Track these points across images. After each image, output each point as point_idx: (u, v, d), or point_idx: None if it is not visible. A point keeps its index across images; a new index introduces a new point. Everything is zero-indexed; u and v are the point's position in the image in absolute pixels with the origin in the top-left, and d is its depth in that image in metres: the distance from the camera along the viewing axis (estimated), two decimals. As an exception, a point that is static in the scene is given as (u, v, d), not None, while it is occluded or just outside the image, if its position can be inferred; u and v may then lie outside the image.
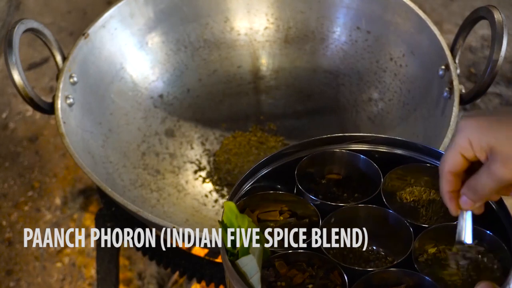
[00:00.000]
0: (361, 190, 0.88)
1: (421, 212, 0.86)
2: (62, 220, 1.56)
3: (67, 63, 1.14)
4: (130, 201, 1.01)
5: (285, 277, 0.79)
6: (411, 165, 0.86)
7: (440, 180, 0.76)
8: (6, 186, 1.62)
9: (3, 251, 1.52)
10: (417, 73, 1.21)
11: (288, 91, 1.36)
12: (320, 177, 0.89)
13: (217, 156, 1.30)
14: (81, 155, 1.06)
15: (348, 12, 1.29)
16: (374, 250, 0.84)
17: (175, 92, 1.32)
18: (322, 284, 0.78)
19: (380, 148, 0.88)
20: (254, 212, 0.85)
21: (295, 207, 0.85)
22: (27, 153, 1.67)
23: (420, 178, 0.86)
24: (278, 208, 0.86)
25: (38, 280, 1.48)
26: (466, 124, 0.72)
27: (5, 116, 1.75)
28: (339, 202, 0.87)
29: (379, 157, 0.87)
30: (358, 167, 0.88)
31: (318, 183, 0.89)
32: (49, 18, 1.96)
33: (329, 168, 0.90)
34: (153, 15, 1.28)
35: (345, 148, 0.89)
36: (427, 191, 0.87)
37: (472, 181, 0.73)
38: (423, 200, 0.86)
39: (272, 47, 1.35)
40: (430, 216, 0.85)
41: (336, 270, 0.78)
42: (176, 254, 1.11)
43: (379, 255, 0.84)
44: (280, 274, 0.79)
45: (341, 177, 0.90)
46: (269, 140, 1.33)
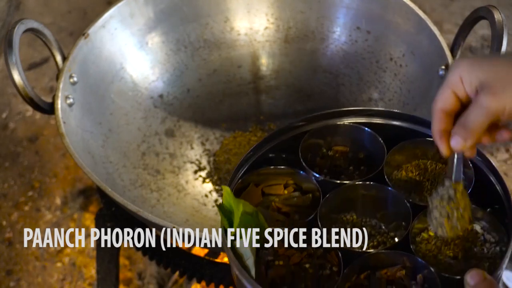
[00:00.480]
0: (367, 163, 0.89)
1: (426, 185, 0.86)
2: (62, 220, 1.56)
3: (67, 63, 1.14)
4: (130, 201, 1.01)
5: (283, 256, 0.79)
6: (418, 140, 0.87)
7: (432, 119, 0.76)
8: (6, 186, 1.62)
9: (3, 251, 1.52)
10: (417, 73, 1.21)
11: (288, 91, 1.36)
12: (327, 149, 0.90)
13: (217, 156, 1.30)
14: (81, 155, 1.06)
15: (348, 12, 1.29)
16: (376, 224, 0.85)
17: (175, 92, 1.32)
18: (319, 263, 0.79)
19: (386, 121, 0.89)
20: (259, 186, 0.86)
21: (299, 181, 0.86)
22: (27, 153, 1.67)
23: (427, 151, 0.87)
24: (283, 181, 0.86)
25: (38, 280, 1.48)
26: (458, 63, 0.74)
27: (5, 116, 1.75)
28: (344, 176, 0.88)
29: (385, 130, 0.88)
30: (363, 140, 0.89)
31: (325, 155, 0.90)
32: (49, 18, 1.96)
33: (335, 140, 0.91)
34: (153, 15, 1.28)
35: (352, 121, 0.89)
36: (433, 164, 0.87)
37: (462, 118, 0.74)
38: (428, 173, 0.86)
39: (272, 47, 1.36)
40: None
41: (333, 250, 0.79)
42: (176, 254, 1.11)
43: (380, 230, 0.84)
44: (278, 253, 0.79)
45: (348, 149, 0.90)
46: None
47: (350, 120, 0.90)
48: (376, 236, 0.84)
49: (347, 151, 0.91)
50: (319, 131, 0.89)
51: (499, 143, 1.60)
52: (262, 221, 0.80)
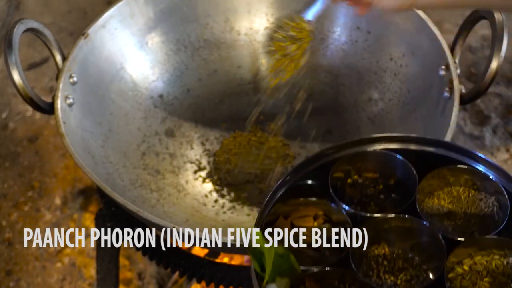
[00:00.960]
0: (398, 190, 0.86)
1: (459, 213, 0.84)
2: (62, 220, 1.56)
3: (67, 63, 1.14)
4: (130, 201, 1.01)
5: None
6: (450, 167, 0.84)
7: None
8: (6, 186, 1.62)
9: (3, 251, 1.51)
10: (417, 73, 1.21)
11: (288, 91, 1.35)
12: (357, 176, 0.88)
13: (217, 156, 1.30)
14: (81, 155, 1.06)
15: (348, 12, 1.29)
16: (409, 257, 0.82)
17: (175, 92, 1.32)
18: None
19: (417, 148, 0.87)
20: (288, 219, 0.84)
21: (329, 212, 0.84)
22: (27, 153, 1.67)
23: (459, 178, 0.85)
24: (313, 212, 0.84)
25: (38, 280, 1.48)
26: None
27: (5, 116, 1.75)
28: (374, 204, 0.85)
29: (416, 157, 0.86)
30: (394, 167, 0.87)
31: (355, 183, 0.88)
32: (49, 18, 1.96)
33: (365, 167, 0.88)
34: (153, 15, 1.28)
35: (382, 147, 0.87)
36: (466, 191, 0.85)
37: None
38: (461, 201, 0.84)
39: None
40: (468, 219, 0.84)
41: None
42: (176, 254, 1.11)
43: (413, 263, 0.82)
44: None
45: (377, 175, 0.88)
46: (269, 140, 1.33)
47: (381, 147, 0.87)
48: (409, 269, 0.81)
49: (377, 177, 0.88)
50: (349, 158, 0.87)
51: (499, 143, 1.60)
52: (293, 261, 0.78)
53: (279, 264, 0.77)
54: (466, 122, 1.66)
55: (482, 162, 0.83)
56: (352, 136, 1.30)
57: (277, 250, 0.76)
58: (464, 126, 1.65)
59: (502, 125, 1.64)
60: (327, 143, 1.31)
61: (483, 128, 1.64)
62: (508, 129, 1.64)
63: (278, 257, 0.76)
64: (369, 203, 0.87)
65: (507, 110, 1.67)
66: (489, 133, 1.63)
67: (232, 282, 1.11)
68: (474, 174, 0.84)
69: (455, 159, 0.85)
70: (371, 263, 0.82)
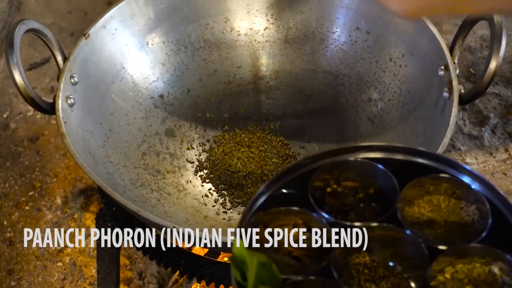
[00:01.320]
0: (378, 200, 0.86)
1: (439, 222, 0.83)
2: (62, 220, 1.57)
3: (68, 63, 1.15)
4: (131, 201, 1.01)
5: None
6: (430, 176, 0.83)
7: None
8: (7, 186, 1.62)
9: (4, 251, 1.52)
10: (416, 74, 1.22)
11: (288, 91, 1.36)
12: (336, 185, 0.87)
13: (218, 156, 1.31)
14: (81, 155, 1.07)
15: (348, 12, 1.29)
16: (390, 266, 0.82)
17: (175, 92, 1.32)
18: None
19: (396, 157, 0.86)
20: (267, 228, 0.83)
21: (310, 221, 0.83)
22: (28, 153, 1.67)
23: (439, 187, 0.84)
24: (292, 221, 0.83)
25: (39, 280, 1.48)
26: None
27: (6, 116, 1.75)
28: (354, 213, 0.85)
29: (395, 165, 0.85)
30: (374, 176, 0.86)
31: (334, 192, 0.87)
32: (50, 19, 1.96)
33: (345, 176, 0.87)
34: (153, 15, 1.28)
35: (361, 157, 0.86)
36: (446, 200, 0.85)
37: None
38: (441, 210, 0.84)
39: (272, 47, 1.36)
40: (449, 227, 0.83)
41: None
42: (176, 253, 1.12)
43: (395, 272, 0.82)
44: None
45: (357, 184, 0.87)
46: (269, 140, 1.33)
47: (361, 156, 0.86)
48: (389, 277, 0.81)
49: (357, 186, 0.88)
50: (329, 168, 0.86)
51: (498, 143, 1.60)
52: (275, 271, 0.77)
53: (261, 273, 0.75)
54: (465, 122, 1.66)
55: (464, 172, 0.83)
56: (352, 136, 1.30)
57: (259, 259, 0.75)
58: (463, 126, 1.65)
59: (501, 125, 1.65)
60: (327, 143, 1.32)
61: (482, 128, 1.65)
62: (507, 129, 1.64)
63: (260, 266, 0.75)
64: (348, 212, 0.86)
65: (506, 110, 1.68)
66: (488, 133, 1.64)
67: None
68: (454, 183, 0.83)
69: (437, 168, 0.85)
70: (351, 271, 0.82)
